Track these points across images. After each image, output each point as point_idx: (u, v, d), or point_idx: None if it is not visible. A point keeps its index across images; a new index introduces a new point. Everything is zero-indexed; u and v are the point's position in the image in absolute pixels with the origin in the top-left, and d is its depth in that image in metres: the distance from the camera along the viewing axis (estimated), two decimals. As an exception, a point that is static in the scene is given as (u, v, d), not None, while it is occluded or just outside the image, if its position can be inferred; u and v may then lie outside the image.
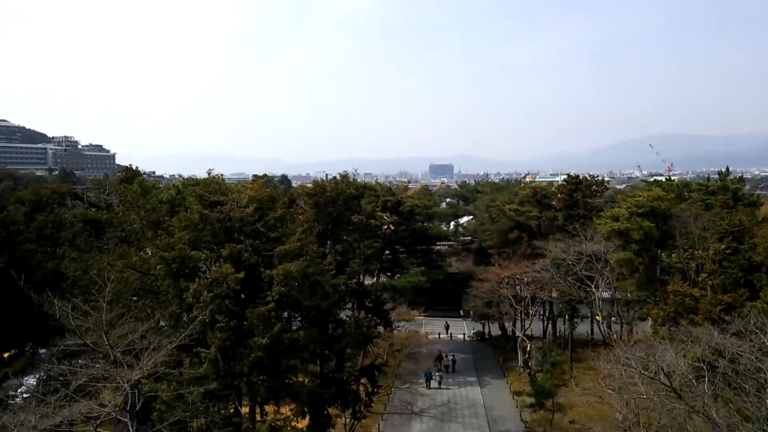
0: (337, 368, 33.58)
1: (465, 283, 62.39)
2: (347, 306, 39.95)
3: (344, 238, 40.76)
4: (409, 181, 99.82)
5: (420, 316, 62.88)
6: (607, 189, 67.24)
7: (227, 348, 26.40)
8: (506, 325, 63.76)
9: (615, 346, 30.17)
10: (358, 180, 52.56)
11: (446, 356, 56.57)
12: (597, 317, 53.48)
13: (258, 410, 30.26)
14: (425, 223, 59.55)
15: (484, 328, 68.68)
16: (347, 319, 35.69)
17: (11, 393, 33.25)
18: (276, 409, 30.59)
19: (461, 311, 75.79)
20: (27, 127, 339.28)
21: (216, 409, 26.20)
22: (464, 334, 70.49)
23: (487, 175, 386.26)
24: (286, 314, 31.68)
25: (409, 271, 57.37)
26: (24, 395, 31.63)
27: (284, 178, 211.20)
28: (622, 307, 52.19)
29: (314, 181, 47.15)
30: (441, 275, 61.07)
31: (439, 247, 66.85)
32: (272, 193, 31.65)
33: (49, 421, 23.08)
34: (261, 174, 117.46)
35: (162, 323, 28.12)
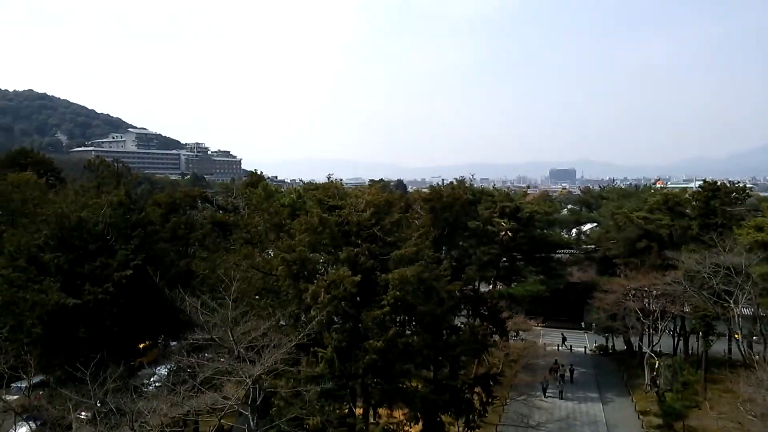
0: (451, 375, 33.14)
1: (587, 294, 59.57)
2: (462, 313, 39.43)
3: (460, 243, 40.30)
4: (528, 187, 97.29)
5: (538, 326, 60.77)
6: (749, 196, 61.69)
7: (343, 349, 26.82)
8: (632, 339, 60.14)
9: (757, 368, 27.42)
10: (475, 185, 51.72)
11: (562, 366, 54.37)
12: (736, 335, 49.01)
13: (371, 412, 30.49)
14: (545, 230, 57.60)
15: (607, 341, 65.28)
16: (462, 326, 35.19)
17: (145, 381, 35.86)
18: (389, 412, 30.69)
19: (582, 323, 72.52)
20: (163, 135, 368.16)
21: (331, 408, 26.75)
22: (585, 347, 67.33)
23: (613, 180, 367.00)
24: (400, 318, 31.72)
25: (527, 280, 55.63)
26: (156, 384, 33.93)
27: (400, 183, 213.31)
28: (765, 325, 47.52)
29: (430, 186, 47.12)
30: (561, 284, 58.69)
31: (559, 256, 64.33)
32: (389, 198, 31.87)
33: (178, 409, 24.60)
34: (377, 179, 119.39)
35: (282, 322, 29.10)
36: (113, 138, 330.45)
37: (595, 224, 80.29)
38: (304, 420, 27.06)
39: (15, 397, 33.69)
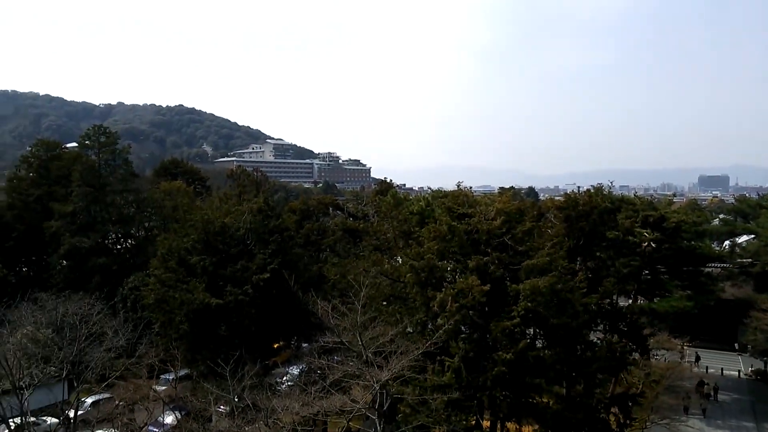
0: (586, 393, 31.38)
1: (742, 312, 54.22)
2: (598, 328, 37.20)
3: (597, 254, 38.11)
4: (673, 195, 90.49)
5: (684, 345, 56.17)
6: None
7: (470, 359, 26.25)
8: (796, 366, 53.88)
9: None
10: (614, 193, 48.89)
11: (707, 384, 50.01)
12: None
13: (499, 426, 29.55)
14: (693, 242, 53.15)
15: (765, 366, 58.95)
16: (598, 341, 33.26)
17: (278, 380, 37.37)
18: (518, 427, 29.61)
19: (736, 344, 66.09)
20: (298, 145, 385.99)
21: (458, 418, 26.22)
22: (739, 371, 61.26)
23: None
24: (531, 331, 30.56)
25: (672, 295, 51.62)
26: (288, 383, 35.19)
27: (531, 191, 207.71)
28: None
29: (565, 193, 45.08)
30: (711, 301, 53.84)
31: (709, 269, 59.11)
32: (520, 206, 30.92)
33: (309, 409, 25.25)
34: (508, 186, 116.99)
35: (409, 329, 29.02)
36: (253, 149, 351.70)
37: (753, 236, 73.02)
38: (430, 429, 26.77)
39: (163, 387, 36.42)
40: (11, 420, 24.48)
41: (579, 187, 50.29)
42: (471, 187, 34.80)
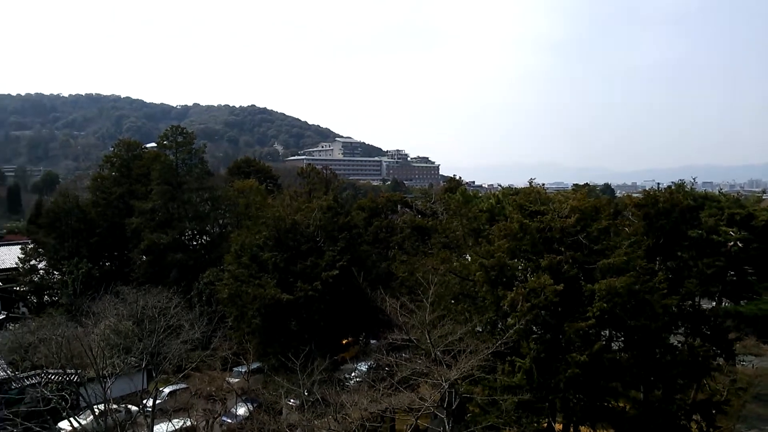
0: (665, 399, 30.07)
1: (838, 318, 50.59)
2: (679, 331, 35.54)
3: (678, 254, 36.37)
4: (762, 191, 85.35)
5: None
6: None
7: (542, 360, 25.58)
8: None
9: None
10: (696, 190, 46.56)
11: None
12: None
13: (572, 429, 28.70)
14: (785, 242, 49.99)
15: None
16: (679, 345, 31.79)
17: (346, 376, 37.65)
18: (591, 431, 28.60)
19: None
20: (366, 143, 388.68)
21: (528, 420, 25.67)
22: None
23: None
24: (606, 332, 29.50)
25: (761, 297, 48.76)
26: (357, 379, 35.38)
27: (607, 188, 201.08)
28: None
29: (643, 190, 43.25)
30: (804, 305, 50.57)
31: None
32: (596, 203, 29.88)
33: (377, 405, 25.31)
34: (582, 183, 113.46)
35: (478, 328, 28.59)
36: (322, 147, 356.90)
37: None
38: (500, 430, 26.26)
39: (236, 380, 37.38)
40: (95, 406, 25.67)
41: (659, 183, 48.28)
42: (543, 184, 33.87)
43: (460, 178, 61.17)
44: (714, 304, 45.95)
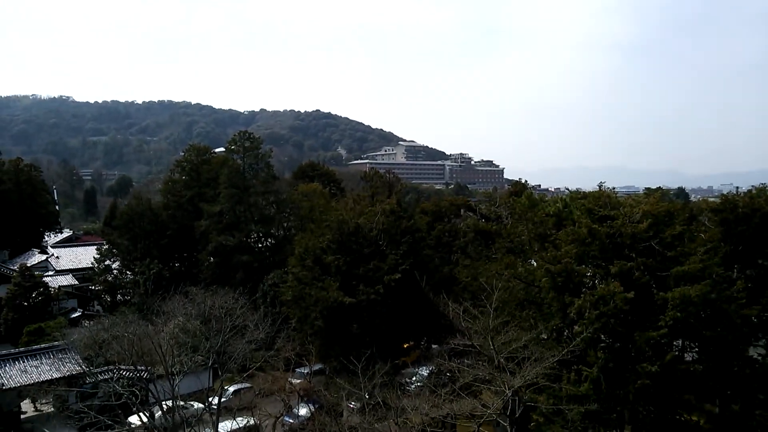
0: (743, 414, 28.48)
1: None
2: (759, 343, 33.63)
3: (759, 262, 34.42)
4: None
5: None
6: None
7: (610, 370, 24.76)
8: None
9: None
10: (778, 194, 44.02)
11: None
12: None
13: (642, 443, 27.54)
14: None
15: None
16: (759, 358, 30.07)
17: (407, 380, 37.46)
18: (663, 446, 27.40)
19: None
20: (430, 147, 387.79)
21: (595, 431, 24.82)
22: None
23: None
24: (679, 342, 28.24)
25: None
26: (418, 384, 35.16)
27: (681, 192, 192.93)
28: None
29: (721, 195, 41.18)
30: None
31: None
32: (669, 208, 28.72)
33: (438, 411, 25.03)
34: (654, 187, 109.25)
35: (544, 335, 27.93)
36: (385, 151, 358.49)
37: None
38: (566, 440, 25.50)
39: (298, 380, 37.81)
40: (164, 402, 26.48)
41: (737, 187, 45.88)
42: (613, 188, 32.81)
43: (526, 181, 59.77)
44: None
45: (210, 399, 30.49)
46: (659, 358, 23.90)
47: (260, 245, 60.56)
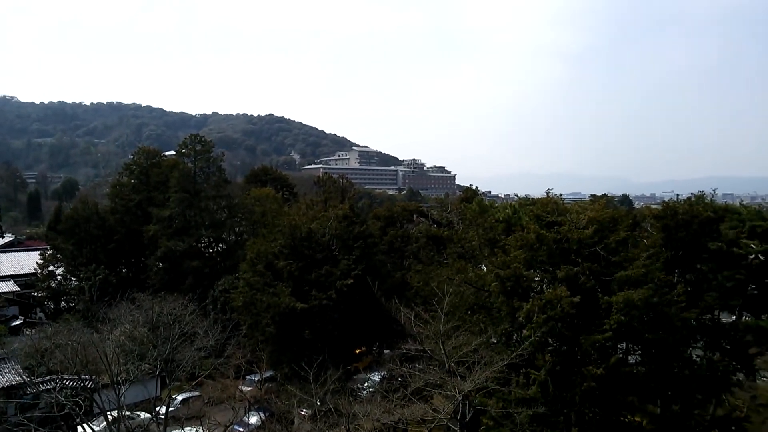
0: (683, 414, 29.55)
1: None
2: (698, 345, 34.94)
3: (697, 266, 35.80)
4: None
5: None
6: None
7: (557, 373, 25.30)
8: None
9: None
10: (716, 201, 45.85)
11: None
12: None
13: (588, 444, 28.21)
14: (806, 255, 48.98)
15: None
16: (698, 359, 31.24)
17: (359, 386, 37.47)
18: (608, 446, 28.14)
19: None
20: (383, 152, 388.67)
21: (543, 434, 25.31)
22: None
23: None
24: (623, 345, 29.07)
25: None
26: (370, 389, 35.20)
27: (625, 199, 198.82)
28: None
29: (663, 202, 42.68)
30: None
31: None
32: (614, 214, 29.58)
33: (389, 416, 25.16)
34: (600, 194, 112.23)
35: (493, 339, 28.36)
36: (339, 156, 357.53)
37: None
38: (514, 443, 25.93)
39: (249, 388, 37.38)
40: (109, 412, 25.74)
41: (678, 195, 47.47)
42: (561, 195, 33.58)
43: (477, 187, 60.64)
44: (734, 318, 45.14)
45: (157, 408, 29.77)
46: (604, 361, 24.54)
47: (211, 250, 59.58)
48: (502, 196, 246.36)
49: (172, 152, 73.90)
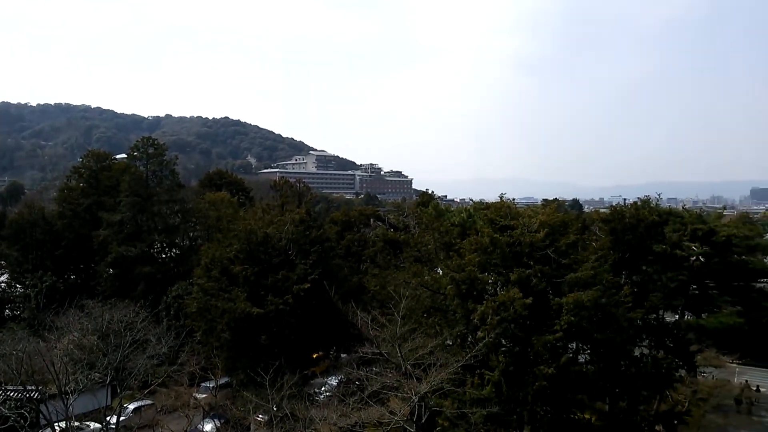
0: (630, 410, 30.64)
1: (797, 330, 51.85)
2: (643, 343, 36.22)
3: (643, 268, 37.18)
4: (723, 207, 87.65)
5: (733, 363, 54.23)
6: None
7: (511, 373, 25.84)
8: None
9: None
10: (661, 206, 47.56)
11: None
12: None
13: (540, 442, 28.90)
14: (744, 256, 51.24)
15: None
16: (643, 357, 32.38)
17: (316, 390, 37.44)
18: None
19: (792, 364, 63.25)
20: (341, 156, 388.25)
21: (497, 433, 25.81)
22: (795, 391, 58.62)
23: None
24: (573, 345, 29.91)
25: (721, 311, 49.84)
26: (327, 394, 35.22)
27: (575, 203, 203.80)
28: None
29: (611, 206, 44.07)
30: (764, 318, 51.78)
31: (762, 285, 56.90)
32: (564, 218, 30.41)
33: (346, 420, 25.24)
34: (551, 198, 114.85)
35: (449, 341, 28.78)
36: (296, 160, 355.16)
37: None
38: (469, 443, 26.36)
39: (203, 395, 36.85)
40: (56, 424, 25.08)
41: (625, 199, 49.10)
42: (514, 199, 34.33)
43: (433, 192, 61.24)
44: (677, 317, 46.94)
45: (108, 418, 29.11)
46: (555, 361, 25.18)
47: (164, 256, 58.48)
48: (458, 201, 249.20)
49: (124, 155, 72.20)
